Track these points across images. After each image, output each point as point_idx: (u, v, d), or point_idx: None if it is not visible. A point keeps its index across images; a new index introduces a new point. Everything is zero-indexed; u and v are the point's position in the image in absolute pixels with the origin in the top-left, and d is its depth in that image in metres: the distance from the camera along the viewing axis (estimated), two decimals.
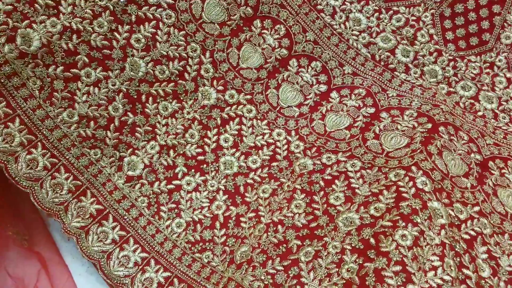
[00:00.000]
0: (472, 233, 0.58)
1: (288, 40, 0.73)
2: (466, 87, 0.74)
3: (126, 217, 0.63)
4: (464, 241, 0.56)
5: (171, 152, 0.67)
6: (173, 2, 0.66)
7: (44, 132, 0.62)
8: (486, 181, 0.64)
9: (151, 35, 0.66)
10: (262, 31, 0.72)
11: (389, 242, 0.52)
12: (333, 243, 0.54)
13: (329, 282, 0.51)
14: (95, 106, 0.64)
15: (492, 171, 0.66)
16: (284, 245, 0.56)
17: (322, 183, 0.62)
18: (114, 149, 0.65)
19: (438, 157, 0.62)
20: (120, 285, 0.58)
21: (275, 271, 0.55)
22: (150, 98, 0.67)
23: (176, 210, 0.65)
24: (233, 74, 0.71)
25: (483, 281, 0.54)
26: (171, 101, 0.68)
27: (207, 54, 0.70)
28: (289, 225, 0.59)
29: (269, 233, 0.59)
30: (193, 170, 0.67)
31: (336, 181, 0.62)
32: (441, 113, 0.69)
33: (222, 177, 0.67)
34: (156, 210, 0.64)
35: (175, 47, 0.68)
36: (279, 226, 0.59)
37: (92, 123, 0.64)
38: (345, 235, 0.55)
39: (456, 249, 0.54)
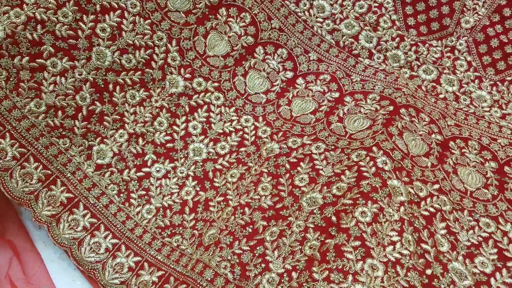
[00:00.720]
0: (432, 209, 0.60)
1: (254, 27, 0.74)
2: (428, 71, 0.76)
3: (96, 205, 0.63)
4: (424, 217, 0.58)
5: (140, 140, 0.68)
6: None
7: (12, 122, 0.62)
8: (447, 160, 0.67)
9: (116, 24, 0.66)
10: (228, 19, 0.73)
11: (349, 219, 0.54)
12: (297, 222, 0.56)
13: (292, 259, 0.52)
14: (62, 96, 0.65)
15: (452, 151, 0.68)
16: (251, 226, 0.58)
17: (288, 166, 0.64)
18: (82, 138, 0.66)
19: (398, 138, 0.64)
20: (92, 270, 0.59)
21: (242, 251, 0.56)
22: (118, 87, 0.68)
23: (146, 197, 0.66)
24: (200, 62, 0.72)
25: (442, 255, 0.56)
26: (138, 89, 0.69)
27: (174, 43, 0.71)
28: (256, 207, 0.60)
29: (236, 216, 0.60)
30: (162, 157, 0.68)
31: (301, 163, 0.64)
32: (402, 96, 0.71)
33: (191, 164, 0.69)
34: (126, 197, 0.65)
35: (141, 36, 0.68)
36: (246, 209, 0.61)
37: (60, 112, 0.65)
38: (308, 214, 0.56)
39: (415, 225, 0.56)
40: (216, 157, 0.69)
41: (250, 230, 0.58)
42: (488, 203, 0.63)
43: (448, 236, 0.59)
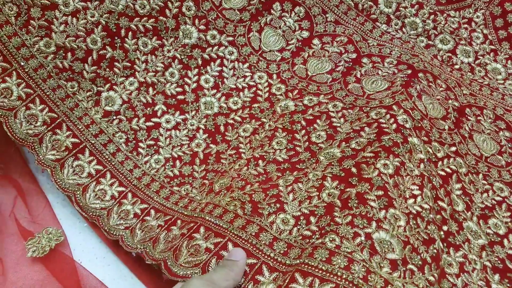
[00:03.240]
0: (448, 170, 0.60)
1: None
2: (444, 41, 0.75)
3: (103, 152, 0.62)
4: (440, 177, 0.58)
5: (150, 89, 0.66)
6: None
7: (20, 61, 0.59)
8: (463, 126, 0.66)
9: None
10: None
11: (371, 170, 0.53)
12: (314, 172, 0.55)
13: (309, 204, 0.51)
14: (73, 37, 0.62)
15: (469, 117, 0.68)
16: (264, 176, 0.56)
17: (303, 123, 0.63)
18: (91, 83, 0.64)
19: (417, 99, 0.63)
20: (96, 217, 0.57)
21: (253, 192, 0.55)
22: (130, 33, 0.65)
23: (155, 147, 0.64)
24: (215, 14, 0.70)
25: (457, 214, 0.57)
26: (151, 37, 0.67)
27: None
28: (270, 159, 0.59)
29: (249, 167, 0.59)
30: (173, 109, 0.66)
31: (318, 120, 0.63)
32: (420, 62, 0.70)
33: (202, 117, 0.67)
34: (134, 146, 0.63)
35: None
36: (260, 161, 0.60)
37: (69, 54, 0.62)
38: (326, 165, 0.56)
39: (433, 182, 0.56)
40: (228, 112, 0.68)
41: (263, 178, 0.57)
42: (502, 169, 0.64)
43: (463, 197, 0.59)
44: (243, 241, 0.48)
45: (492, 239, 0.57)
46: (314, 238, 0.47)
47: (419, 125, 0.60)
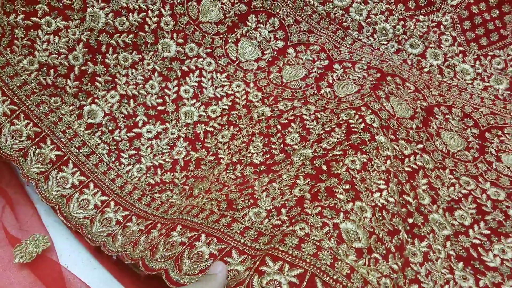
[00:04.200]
0: (415, 166, 0.63)
1: None
2: (414, 45, 0.78)
3: (86, 163, 0.64)
4: (407, 173, 0.61)
5: (131, 101, 0.69)
6: None
7: (4, 79, 0.62)
8: (431, 124, 0.69)
9: None
10: None
11: (340, 166, 0.55)
12: (288, 173, 0.57)
13: (281, 199, 0.53)
14: (55, 55, 0.65)
15: (436, 116, 0.71)
16: (242, 179, 0.59)
17: (279, 127, 0.66)
18: (74, 97, 0.66)
19: (385, 101, 0.66)
20: (79, 226, 0.59)
21: (230, 192, 0.57)
22: (110, 49, 0.68)
23: (136, 156, 0.66)
24: (193, 27, 0.73)
25: (423, 207, 0.59)
26: (131, 52, 0.70)
27: (167, 7, 0.71)
28: (247, 163, 0.62)
29: (228, 171, 0.62)
30: (153, 119, 0.69)
31: (292, 123, 0.66)
32: (389, 67, 0.73)
33: (183, 126, 0.69)
34: (116, 156, 0.66)
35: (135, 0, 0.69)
36: (238, 165, 0.62)
37: (52, 71, 0.65)
38: (299, 166, 0.58)
39: (399, 178, 0.58)
40: (207, 120, 0.70)
41: (241, 181, 0.59)
42: (468, 164, 0.66)
43: (429, 191, 0.62)
44: (215, 231, 0.50)
45: (457, 230, 0.59)
46: (284, 226, 0.49)
47: (386, 124, 0.63)
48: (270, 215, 0.51)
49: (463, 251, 0.57)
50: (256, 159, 0.62)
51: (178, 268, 0.46)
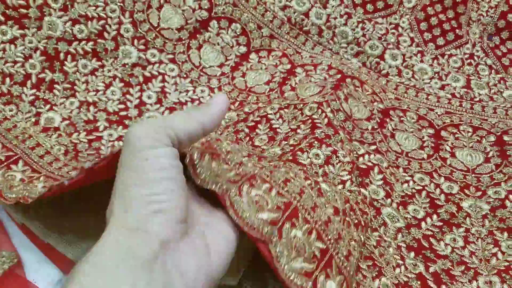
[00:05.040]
0: (369, 164, 0.64)
1: (208, 2, 0.75)
2: (373, 47, 0.80)
3: (39, 162, 0.59)
4: (361, 169, 0.62)
5: (91, 107, 0.67)
6: None
7: None
8: (386, 126, 0.70)
9: None
10: None
11: (305, 156, 0.56)
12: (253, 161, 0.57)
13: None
14: (11, 63, 0.64)
15: (392, 118, 0.72)
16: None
17: (246, 130, 0.65)
18: (30, 105, 0.64)
19: (344, 102, 0.67)
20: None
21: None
22: (69, 56, 0.67)
23: (96, 154, 0.63)
24: (154, 34, 0.73)
25: (376, 202, 0.60)
26: (90, 59, 0.69)
27: (127, 15, 0.71)
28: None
29: None
30: (115, 124, 0.67)
31: (259, 125, 0.65)
32: (348, 69, 0.75)
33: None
34: (73, 155, 0.62)
35: (94, 7, 0.68)
36: None
37: (7, 79, 0.63)
38: (268, 162, 0.58)
39: (358, 171, 0.60)
40: None
41: None
42: (423, 161, 0.68)
43: (384, 186, 0.62)
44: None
45: (410, 222, 0.60)
46: (269, 168, 0.47)
47: (342, 125, 0.64)
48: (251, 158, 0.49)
49: (414, 241, 0.58)
50: None
51: None
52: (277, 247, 0.38)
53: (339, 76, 0.72)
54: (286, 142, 0.60)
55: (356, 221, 0.50)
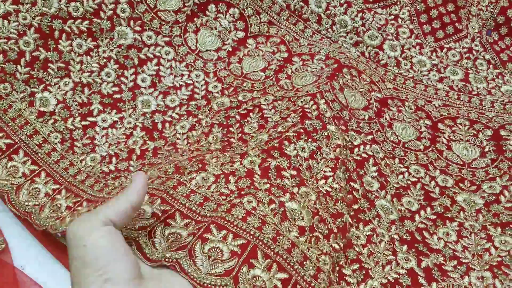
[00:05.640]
0: (364, 155, 0.64)
1: None
2: (372, 37, 0.79)
3: (38, 152, 0.61)
4: (356, 161, 0.62)
5: (86, 89, 0.67)
6: None
7: None
8: (384, 115, 0.70)
9: None
10: None
11: (292, 148, 0.56)
12: (240, 148, 0.58)
13: (231, 166, 0.53)
14: (4, 39, 0.62)
15: (390, 107, 0.72)
16: (200, 165, 0.57)
17: (238, 117, 0.65)
18: (25, 84, 0.63)
19: (339, 92, 0.67)
20: (28, 214, 0.56)
21: (179, 161, 0.56)
22: (64, 35, 0.66)
23: (91, 145, 0.64)
24: (150, 15, 0.72)
25: (370, 194, 0.60)
26: (85, 38, 0.67)
27: None
28: (205, 150, 0.61)
29: (183, 156, 0.60)
30: (109, 108, 0.67)
31: (251, 113, 0.65)
32: (346, 58, 0.74)
33: (140, 115, 0.67)
34: (70, 145, 0.63)
35: None
36: (195, 152, 0.61)
37: (1, 56, 0.62)
38: (253, 147, 0.57)
39: (347, 166, 0.59)
40: (165, 109, 0.69)
41: (198, 164, 0.58)
42: (419, 152, 0.68)
43: (378, 178, 0.62)
44: (160, 192, 0.49)
45: (404, 215, 0.60)
46: (232, 196, 0.49)
47: (338, 115, 0.64)
48: (218, 180, 0.51)
49: (407, 234, 0.58)
50: (214, 147, 0.61)
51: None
52: None
53: (336, 65, 0.71)
54: (274, 130, 0.60)
55: (327, 231, 0.50)
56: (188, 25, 0.74)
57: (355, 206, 0.58)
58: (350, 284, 0.51)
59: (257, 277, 0.42)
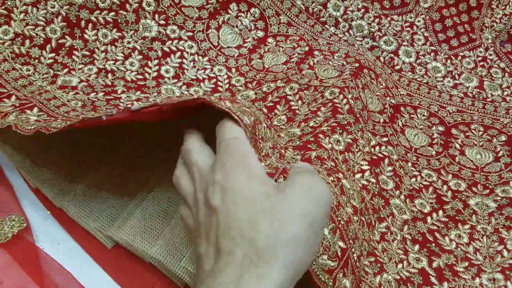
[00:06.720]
0: (380, 155, 0.64)
1: None
2: (388, 42, 0.81)
3: (55, 110, 0.58)
4: (373, 160, 0.62)
5: (110, 75, 0.67)
6: None
7: None
8: (396, 121, 0.72)
9: None
10: None
11: (327, 141, 0.56)
12: (277, 140, 0.57)
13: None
14: (32, 26, 0.63)
15: (403, 114, 0.73)
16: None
17: (265, 110, 0.65)
18: (48, 67, 0.63)
19: (362, 91, 0.68)
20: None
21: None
22: (90, 25, 0.67)
23: (115, 109, 0.61)
24: (175, 10, 0.73)
25: (385, 192, 0.61)
26: (111, 29, 0.69)
27: None
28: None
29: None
30: (133, 90, 0.66)
31: (278, 106, 0.66)
32: (365, 60, 0.76)
33: (165, 98, 0.67)
34: (91, 108, 0.60)
35: None
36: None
37: (27, 41, 0.63)
38: (287, 141, 0.58)
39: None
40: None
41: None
42: (431, 158, 0.69)
43: (393, 177, 0.63)
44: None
45: (416, 216, 0.60)
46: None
47: (360, 114, 0.65)
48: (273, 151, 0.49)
49: (419, 235, 0.58)
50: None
51: None
52: None
53: (357, 65, 0.73)
54: (305, 124, 0.60)
55: (369, 221, 0.51)
56: (210, 21, 0.76)
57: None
58: (368, 273, 0.51)
59: (324, 236, 0.41)
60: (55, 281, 0.53)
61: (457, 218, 0.61)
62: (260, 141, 0.44)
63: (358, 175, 0.55)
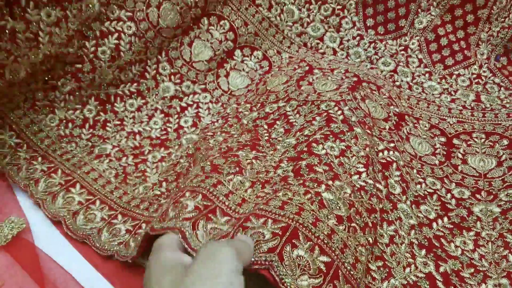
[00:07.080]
0: (388, 159, 0.65)
1: (233, 33, 0.84)
2: (386, 63, 0.86)
3: (93, 185, 0.67)
4: (380, 163, 0.63)
5: (137, 136, 0.78)
6: (132, 14, 0.74)
7: (29, 135, 0.72)
8: (402, 129, 0.72)
9: (114, 47, 0.75)
10: (209, 27, 0.83)
11: (320, 148, 0.58)
12: (272, 157, 0.60)
13: (266, 175, 0.55)
14: (72, 110, 0.76)
15: (407, 123, 0.74)
16: (237, 168, 0.57)
17: (265, 126, 0.69)
18: (87, 141, 0.75)
19: (361, 101, 0.70)
20: (86, 236, 0.59)
21: (214, 158, 0.59)
22: (118, 98, 0.79)
23: (142, 177, 0.71)
24: (187, 68, 0.83)
25: (393, 196, 0.61)
26: (136, 98, 0.80)
27: (163, 54, 0.81)
28: (234, 142, 0.65)
29: (213, 149, 0.64)
30: (158, 147, 0.75)
31: (277, 121, 0.69)
32: (365, 74, 0.78)
33: (185, 149, 0.76)
34: (123, 178, 0.69)
35: (137, 53, 0.78)
36: (224, 144, 0.65)
37: (70, 124, 0.75)
38: (283, 152, 0.60)
39: (374, 167, 0.60)
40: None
41: (224, 148, 0.62)
42: (435, 167, 0.70)
43: (401, 182, 0.63)
44: (200, 188, 0.51)
45: (422, 221, 0.61)
46: (267, 197, 0.51)
47: (363, 120, 0.66)
48: (254, 186, 0.53)
49: (425, 240, 0.58)
50: (243, 139, 0.65)
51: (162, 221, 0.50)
52: (280, 270, 0.40)
53: (355, 79, 0.74)
54: (300, 133, 0.62)
55: (363, 224, 0.50)
56: (219, 70, 0.85)
57: (380, 206, 0.57)
58: (375, 279, 0.51)
59: (301, 257, 0.41)
60: (55, 281, 0.54)
61: (461, 225, 0.61)
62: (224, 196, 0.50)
63: (355, 177, 0.55)
